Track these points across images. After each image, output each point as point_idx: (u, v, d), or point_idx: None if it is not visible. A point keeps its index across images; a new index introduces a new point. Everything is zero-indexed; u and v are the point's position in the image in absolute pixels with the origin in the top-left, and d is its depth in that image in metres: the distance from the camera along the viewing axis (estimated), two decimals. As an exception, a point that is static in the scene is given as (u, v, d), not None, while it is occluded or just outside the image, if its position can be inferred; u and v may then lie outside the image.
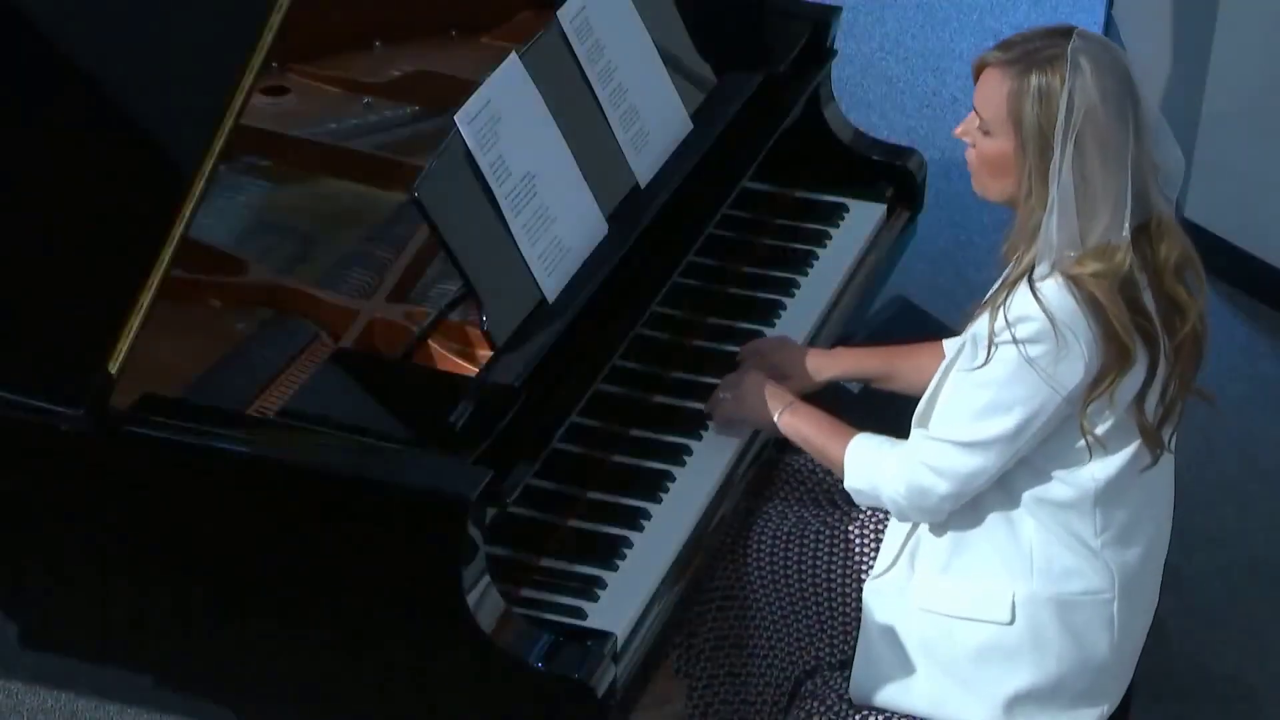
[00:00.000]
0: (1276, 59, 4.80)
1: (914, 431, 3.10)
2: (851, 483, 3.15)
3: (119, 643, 3.15)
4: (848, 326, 3.74)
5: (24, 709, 3.89)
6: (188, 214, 2.99)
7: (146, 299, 2.96)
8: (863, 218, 3.89)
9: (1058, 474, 3.03)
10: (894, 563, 3.16)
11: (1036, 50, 2.93)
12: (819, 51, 3.90)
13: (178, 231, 2.98)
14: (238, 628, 3.06)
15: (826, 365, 3.45)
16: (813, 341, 3.61)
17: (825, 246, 3.81)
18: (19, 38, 3.15)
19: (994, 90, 2.95)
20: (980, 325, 2.98)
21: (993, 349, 2.94)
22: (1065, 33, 2.93)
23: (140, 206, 3.03)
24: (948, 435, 3.02)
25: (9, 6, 3.16)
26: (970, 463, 3.00)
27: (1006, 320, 2.92)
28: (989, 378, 2.97)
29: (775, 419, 3.27)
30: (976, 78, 3.00)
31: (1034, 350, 2.92)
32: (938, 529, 3.12)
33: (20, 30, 3.15)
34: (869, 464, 3.13)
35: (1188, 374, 3.02)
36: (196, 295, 3.38)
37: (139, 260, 2.97)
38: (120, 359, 2.95)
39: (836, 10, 3.94)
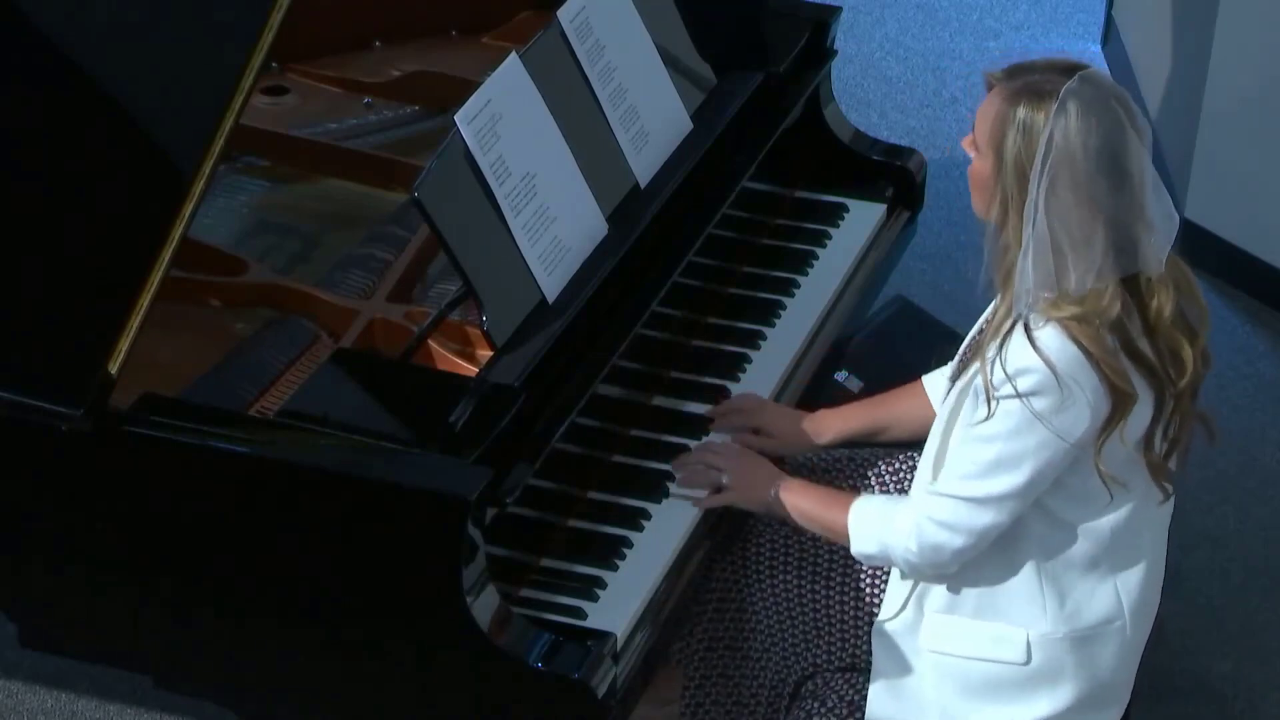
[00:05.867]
0: (1276, 59, 4.80)
1: (919, 486, 3.06)
2: (860, 548, 3.08)
3: (119, 643, 3.15)
4: (848, 326, 3.74)
5: (24, 709, 3.89)
6: (187, 214, 2.99)
7: (146, 299, 2.96)
8: (863, 218, 3.89)
9: (1070, 517, 2.99)
10: (902, 607, 3.11)
11: (1035, 83, 2.86)
12: (819, 51, 3.90)
13: (178, 231, 2.98)
14: (238, 628, 3.06)
15: (811, 434, 3.37)
16: (812, 341, 3.61)
17: (825, 246, 3.80)
18: (19, 39, 3.15)
19: (988, 110, 2.91)
20: (978, 377, 2.93)
21: (994, 403, 2.90)
22: (1070, 70, 2.86)
23: (140, 207, 3.03)
24: (958, 491, 2.96)
25: (9, 6, 3.16)
26: (983, 518, 2.95)
27: (1006, 374, 2.88)
28: (994, 431, 2.91)
29: (771, 497, 3.18)
30: (988, 91, 2.95)
31: (1038, 403, 2.87)
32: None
33: (21, 31, 3.15)
34: (876, 526, 3.06)
35: (1188, 413, 2.98)
36: (196, 295, 3.38)
37: (139, 260, 2.97)
38: (120, 359, 2.95)
39: (836, 10, 3.93)
